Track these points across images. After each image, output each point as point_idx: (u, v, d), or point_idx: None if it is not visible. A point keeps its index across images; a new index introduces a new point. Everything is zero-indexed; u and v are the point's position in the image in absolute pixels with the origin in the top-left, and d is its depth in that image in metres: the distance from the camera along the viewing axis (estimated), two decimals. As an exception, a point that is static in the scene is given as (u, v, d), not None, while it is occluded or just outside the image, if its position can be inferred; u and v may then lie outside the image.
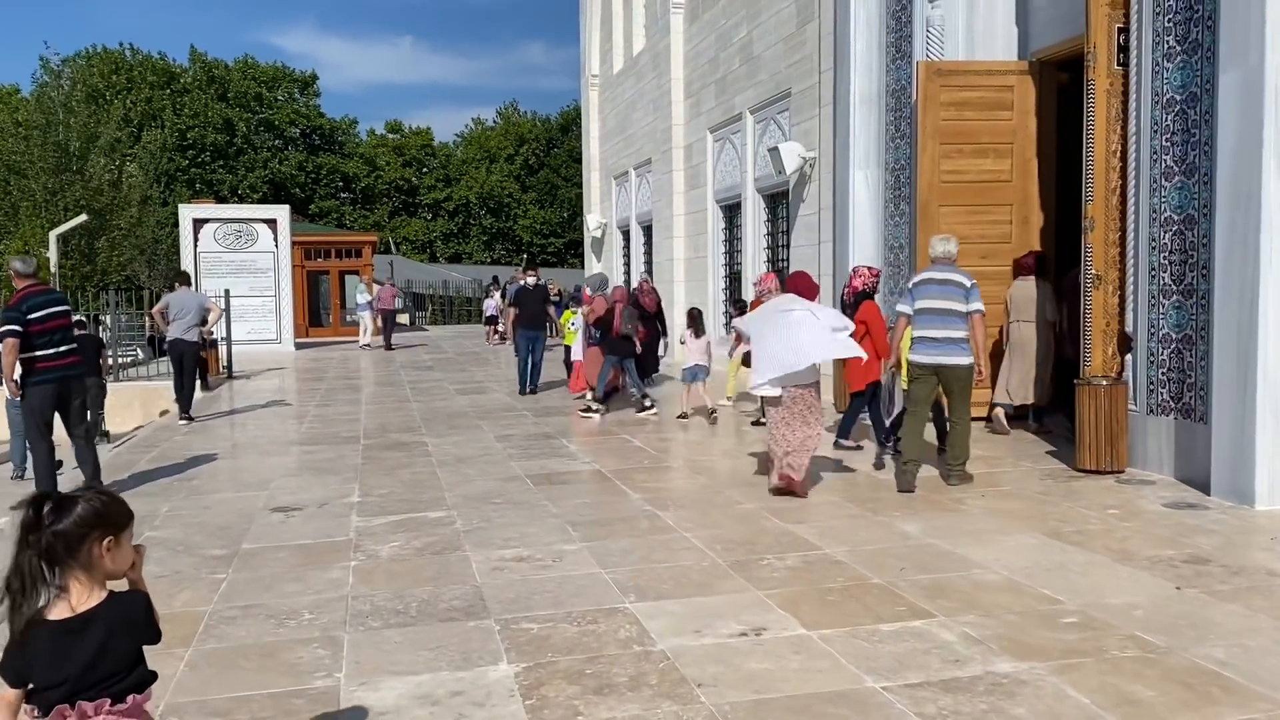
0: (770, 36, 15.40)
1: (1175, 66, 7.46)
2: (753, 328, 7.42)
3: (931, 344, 7.42)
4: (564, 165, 67.48)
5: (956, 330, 7.38)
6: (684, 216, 19.46)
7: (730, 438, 10.17)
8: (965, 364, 7.38)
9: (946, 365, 7.38)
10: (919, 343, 7.51)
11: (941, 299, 7.45)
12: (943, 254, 7.69)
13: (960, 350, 7.38)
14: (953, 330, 7.38)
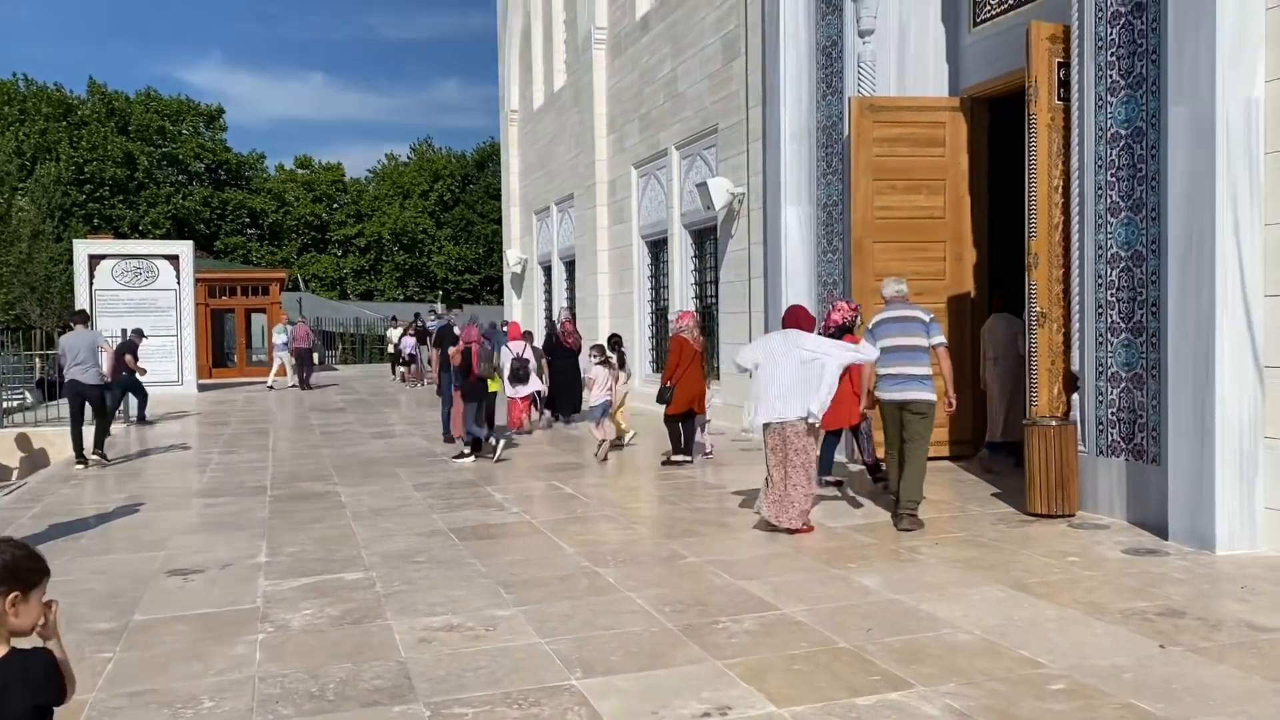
0: (696, 73, 15.19)
1: (1119, 101, 7.33)
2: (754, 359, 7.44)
3: (896, 380, 7.49)
4: (480, 201, 66.81)
5: (920, 366, 7.47)
6: (608, 252, 19.09)
7: (662, 481, 9.72)
8: (929, 399, 7.43)
9: (911, 400, 7.43)
10: (884, 380, 7.57)
11: (902, 336, 7.51)
12: (895, 294, 7.82)
13: (923, 386, 7.44)
14: (916, 366, 7.46)
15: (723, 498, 8.80)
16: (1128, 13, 7.23)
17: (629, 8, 17.99)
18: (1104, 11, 7.44)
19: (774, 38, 11.76)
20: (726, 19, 14.17)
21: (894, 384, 7.47)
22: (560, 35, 22.68)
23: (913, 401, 7.41)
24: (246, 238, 62.58)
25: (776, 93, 11.70)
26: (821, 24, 11.26)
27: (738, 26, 13.84)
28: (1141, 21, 7.13)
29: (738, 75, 13.85)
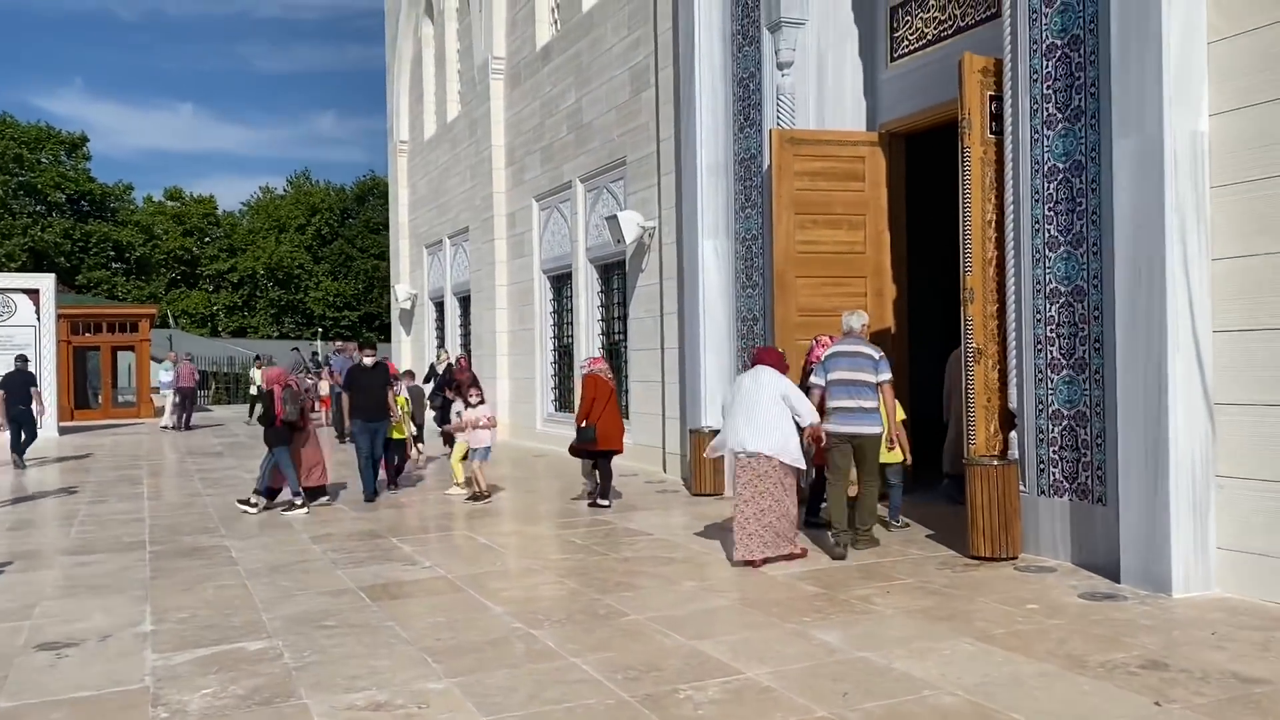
0: (602, 104, 14.85)
1: (1057, 134, 7.22)
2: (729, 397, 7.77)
3: (845, 414, 7.73)
4: (360, 236, 65.23)
5: (868, 400, 7.75)
6: (507, 287, 18.51)
7: (579, 528, 9.19)
8: (876, 433, 7.78)
9: (860, 434, 7.71)
10: (834, 413, 7.76)
11: (851, 370, 7.78)
12: (849, 328, 8.09)
13: (871, 420, 7.75)
14: (864, 400, 7.74)
15: (652, 545, 8.32)
16: (1064, 46, 7.15)
17: (529, 38, 17.59)
18: (1038, 45, 7.35)
19: (689, 69, 11.50)
20: (634, 50, 13.89)
21: (845, 417, 7.71)
22: (454, 64, 22.12)
23: (861, 435, 7.72)
24: (112, 272, 59.53)
25: (692, 125, 11.42)
26: (738, 56, 11.05)
27: (647, 57, 13.56)
28: (1078, 54, 7.05)
29: (647, 107, 13.55)
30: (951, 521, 8.67)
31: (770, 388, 7.42)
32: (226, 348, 52.76)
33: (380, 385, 11.32)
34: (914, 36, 10.06)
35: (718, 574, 7.18)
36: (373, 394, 11.22)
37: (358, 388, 11.28)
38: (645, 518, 9.69)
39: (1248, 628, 5.53)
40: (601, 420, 10.22)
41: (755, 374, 7.59)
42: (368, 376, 11.31)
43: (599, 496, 10.37)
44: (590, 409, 10.26)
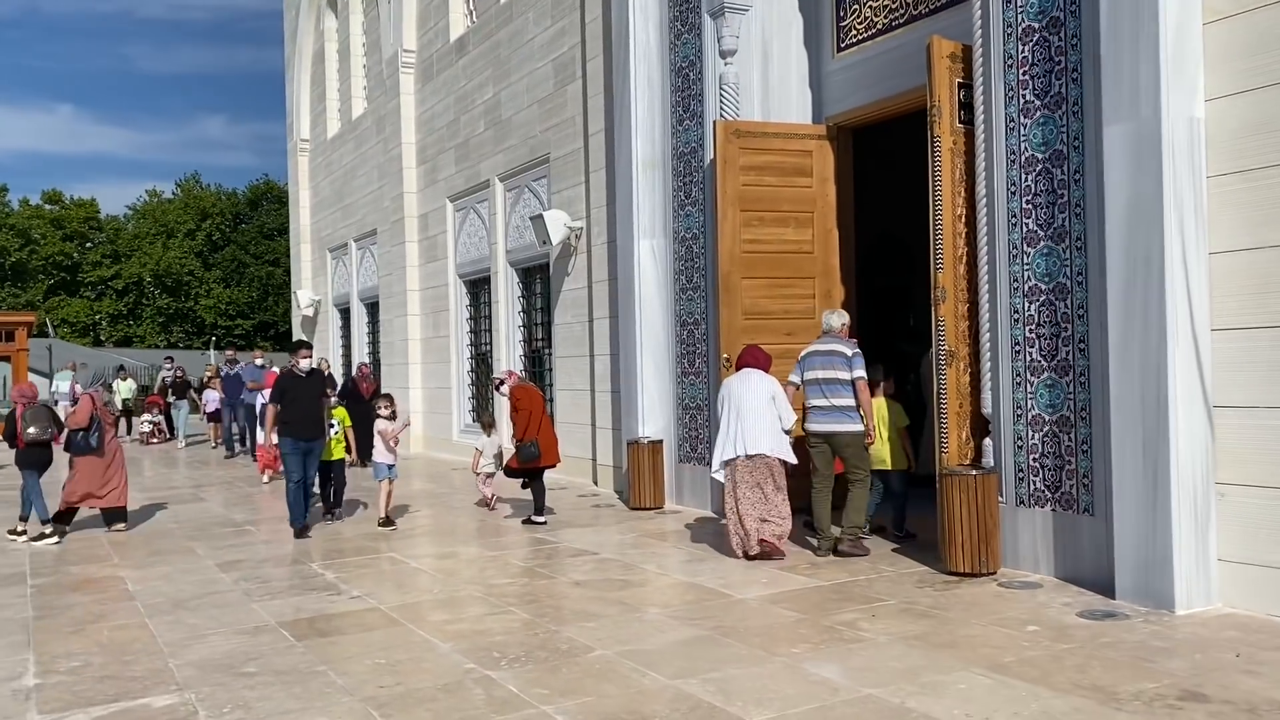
0: (522, 98, 14.14)
1: (1034, 123, 6.81)
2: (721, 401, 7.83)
3: (820, 412, 7.72)
4: (253, 242, 62.86)
5: (842, 398, 7.68)
6: (420, 292, 17.61)
7: (519, 548, 8.46)
8: (852, 430, 7.68)
9: (835, 432, 7.68)
10: (810, 412, 7.77)
11: (825, 369, 7.73)
12: (828, 326, 7.98)
13: (847, 418, 7.67)
14: (838, 399, 7.68)
15: (601, 566, 7.65)
16: (1042, 29, 6.75)
17: (442, 30, 16.77)
18: (1013, 28, 6.94)
19: (623, 59, 10.89)
20: (559, 40, 13.23)
21: (820, 416, 7.72)
22: (360, 59, 21.11)
23: (837, 433, 7.68)
24: (-17, 278, 56.15)
25: (626, 118, 10.81)
26: (676, 44, 10.48)
27: (572, 48, 12.91)
28: (1059, 38, 6.66)
29: (573, 100, 12.90)
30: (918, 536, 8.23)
31: (760, 389, 7.63)
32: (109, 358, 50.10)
33: (315, 397, 9.55)
34: (863, 26, 9.63)
35: (681, 597, 6.56)
36: (305, 406, 9.36)
37: (289, 399, 9.29)
38: (586, 535, 9.02)
39: (1270, 648, 5.13)
40: (542, 434, 9.56)
41: (744, 377, 7.75)
42: (301, 386, 9.39)
43: (534, 513, 9.65)
44: (529, 424, 9.53)
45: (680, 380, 10.42)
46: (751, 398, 7.58)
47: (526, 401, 9.62)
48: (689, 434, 10.33)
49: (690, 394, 10.30)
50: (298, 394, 9.39)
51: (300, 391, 9.41)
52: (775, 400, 7.61)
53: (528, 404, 9.60)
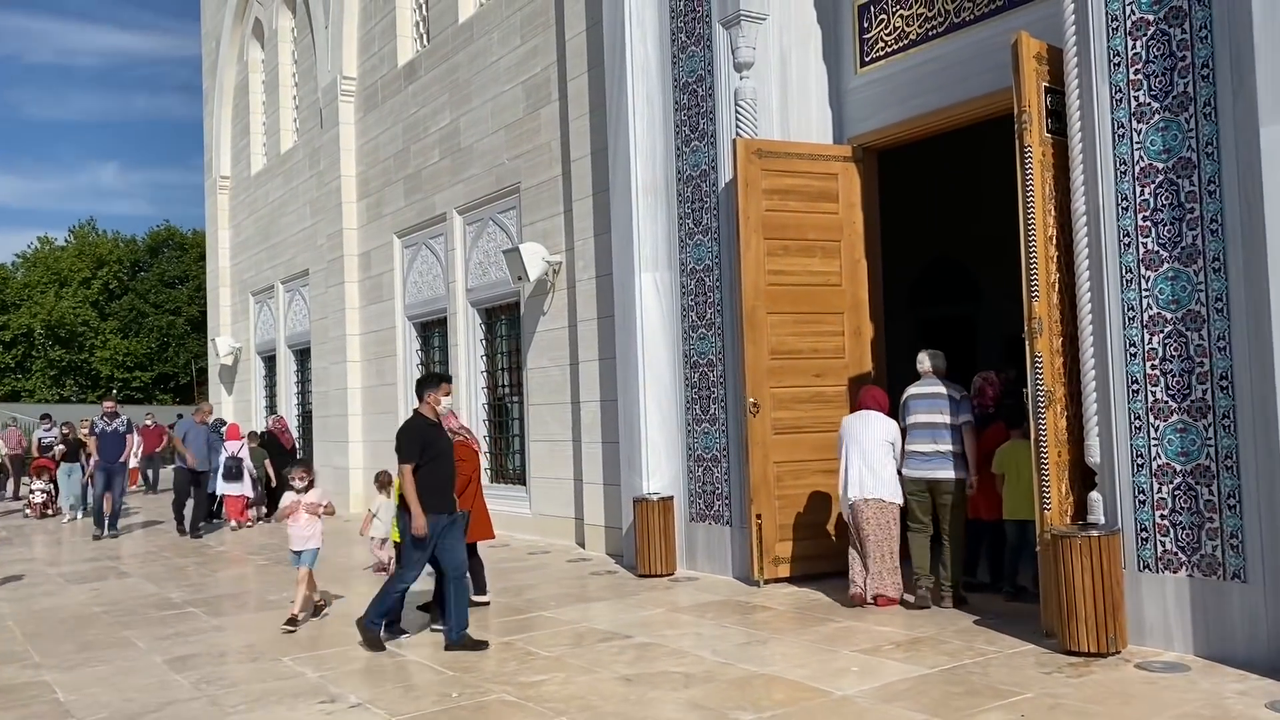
0: (487, 124, 12.99)
1: (1152, 127, 5.94)
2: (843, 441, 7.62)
3: (920, 458, 7.44)
4: (153, 290, 59.80)
5: (945, 444, 7.37)
6: (361, 336, 16.16)
7: (536, 628, 7.17)
8: (950, 478, 7.35)
9: (935, 479, 7.39)
10: (910, 458, 7.49)
11: (928, 413, 7.44)
12: (927, 369, 7.65)
13: (947, 464, 7.35)
14: (941, 444, 7.38)
15: (644, 653, 6.40)
16: (1159, 21, 5.90)
17: (388, 55, 15.54)
18: (1119, 22, 6.09)
19: (618, 75, 9.84)
20: (530, 61, 12.14)
21: (920, 462, 7.43)
22: (290, 90, 19.71)
23: (941, 480, 7.37)
24: None
25: (624, 139, 9.73)
26: (681, 57, 9.48)
27: (547, 69, 11.83)
28: (1182, 30, 5.81)
29: (548, 125, 11.79)
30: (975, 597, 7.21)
31: (880, 432, 7.46)
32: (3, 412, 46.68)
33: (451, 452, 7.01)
34: (891, 38, 8.77)
35: (770, 696, 5.37)
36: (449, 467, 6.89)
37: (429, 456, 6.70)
38: (602, 611, 7.76)
39: None
40: (476, 504, 7.80)
41: (864, 418, 7.56)
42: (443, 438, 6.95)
43: (473, 593, 7.77)
44: (466, 488, 7.53)
45: (690, 429, 9.29)
46: (873, 440, 7.41)
47: (469, 456, 7.79)
48: (703, 489, 9.18)
49: (703, 444, 9.17)
50: (441, 448, 6.77)
51: (444, 445, 6.83)
52: (894, 445, 7.46)
53: (472, 461, 7.82)
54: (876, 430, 7.47)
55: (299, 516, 7.59)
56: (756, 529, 8.35)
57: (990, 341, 14.63)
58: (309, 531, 7.64)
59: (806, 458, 8.57)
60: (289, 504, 7.66)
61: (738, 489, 8.79)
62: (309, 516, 7.62)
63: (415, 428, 6.69)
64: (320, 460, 17.04)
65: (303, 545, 7.66)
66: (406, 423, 6.80)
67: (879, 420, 7.53)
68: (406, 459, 6.55)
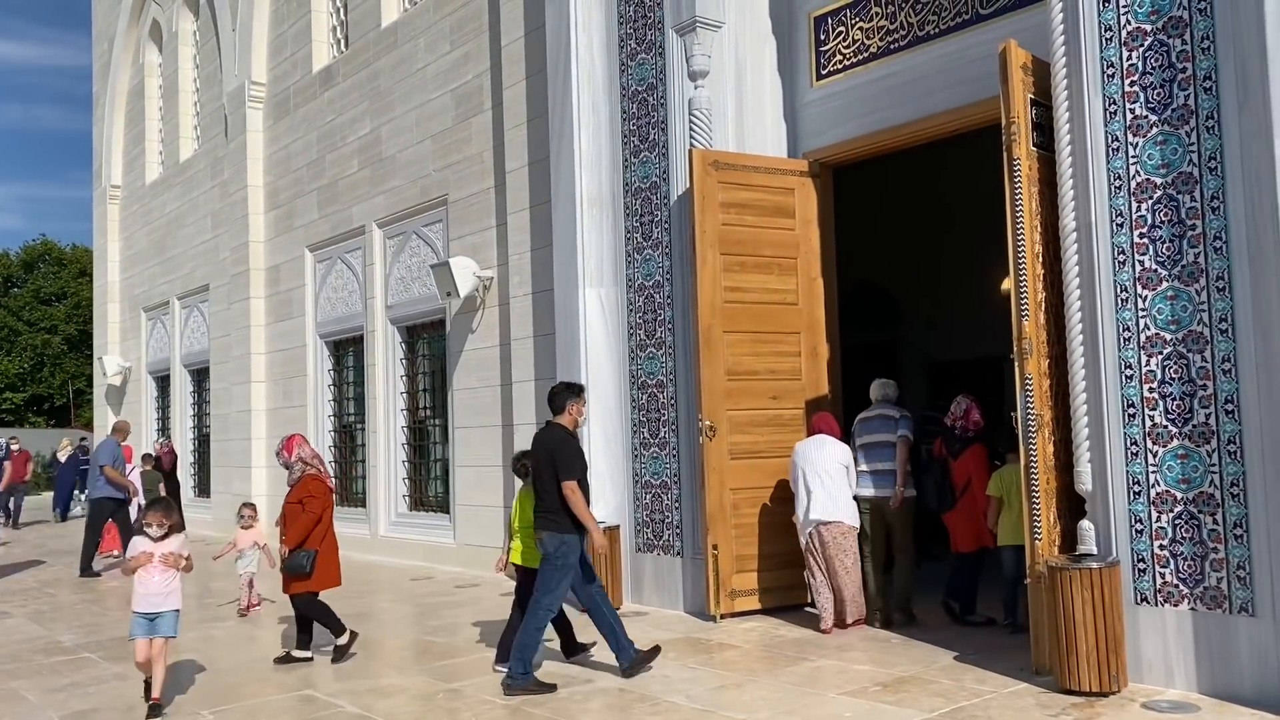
0: (412, 133, 12.35)
1: (1149, 141, 5.72)
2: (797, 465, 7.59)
3: (864, 476, 7.70)
4: (27, 308, 56.58)
5: (887, 462, 7.62)
6: (267, 355, 15.23)
7: (459, 672, 6.54)
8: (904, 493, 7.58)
9: (879, 497, 7.62)
10: (862, 476, 7.70)
11: (872, 434, 7.73)
12: (879, 396, 7.98)
13: (891, 482, 7.57)
14: (883, 463, 7.64)
15: (623, 704, 5.84)
16: (1157, 31, 5.70)
17: (302, 60, 14.75)
18: (1114, 32, 5.87)
19: (562, 83, 9.35)
20: (460, 68, 11.57)
21: (867, 480, 7.66)
22: (190, 95, 18.66)
23: (883, 497, 7.59)
24: None
25: (568, 149, 9.23)
26: (630, 65, 9.04)
27: (480, 76, 11.28)
28: (1182, 41, 5.61)
29: (480, 134, 11.23)
30: (947, 636, 6.87)
31: (835, 456, 7.48)
32: None
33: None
34: (850, 50, 8.50)
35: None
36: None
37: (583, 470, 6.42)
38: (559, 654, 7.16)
39: None
40: (325, 546, 6.99)
41: (818, 443, 7.56)
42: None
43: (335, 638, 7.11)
44: (308, 529, 6.86)
45: (638, 454, 8.78)
46: (828, 464, 7.41)
47: (321, 492, 7.03)
48: (651, 518, 8.67)
49: (652, 470, 8.67)
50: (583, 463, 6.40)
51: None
52: (849, 469, 7.51)
53: (321, 501, 6.99)
54: (831, 455, 7.46)
55: (151, 571, 5.85)
56: (713, 560, 7.88)
57: (912, 367, 14.53)
58: (166, 588, 5.89)
59: (763, 484, 8.15)
60: (138, 554, 5.87)
61: (690, 517, 8.31)
62: (164, 571, 5.87)
63: (573, 441, 6.30)
64: (219, 486, 16.00)
65: (156, 606, 5.85)
66: (561, 436, 6.26)
67: (833, 444, 7.54)
68: (572, 474, 6.13)
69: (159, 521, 5.97)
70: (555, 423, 6.39)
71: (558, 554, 6.13)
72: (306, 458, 7.14)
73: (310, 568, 6.89)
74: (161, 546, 5.90)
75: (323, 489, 7.04)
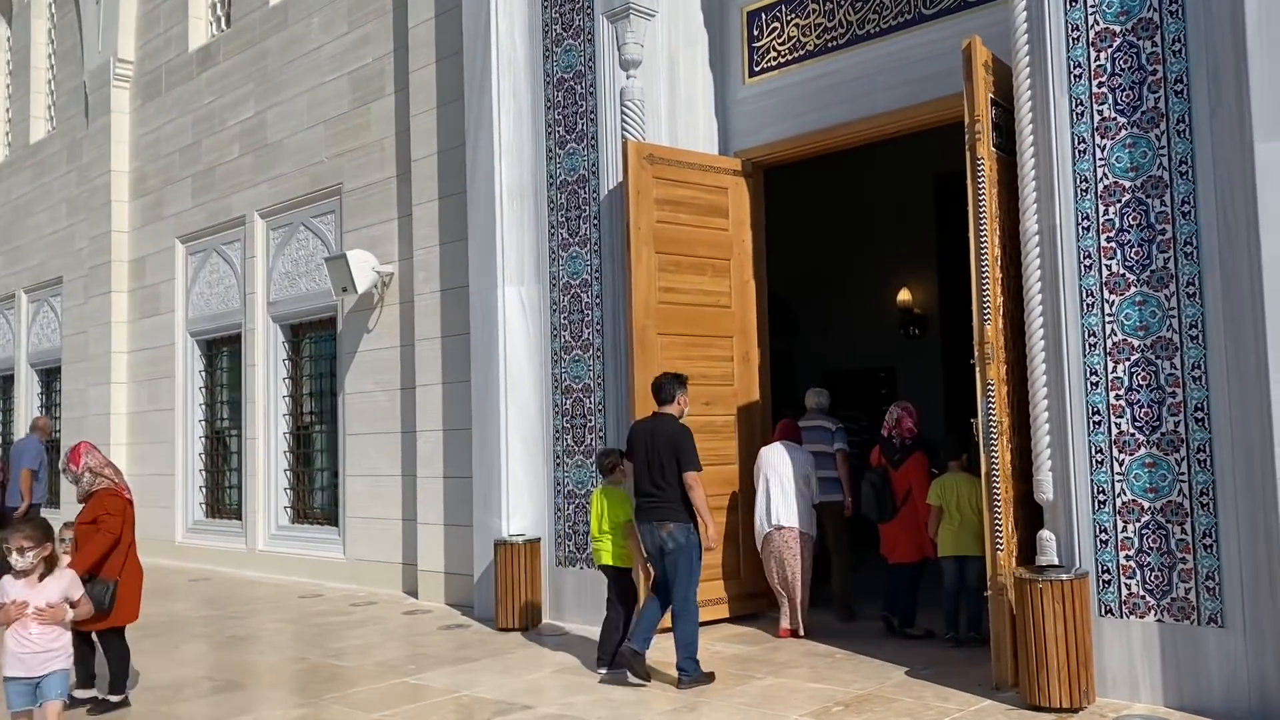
0: (302, 118, 11.56)
1: (1118, 144, 5.62)
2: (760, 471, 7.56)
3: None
4: None
5: (830, 470, 7.80)
6: (130, 355, 14.06)
7: (361, 700, 5.95)
8: (836, 499, 7.80)
9: (825, 502, 7.70)
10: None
11: (811, 444, 7.77)
12: (815, 405, 8.15)
13: (834, 488, 7.80)
14: (826, 470, 7.76)
15: (558, 727, 5.36)
16: (1126, 33, 5.61)
17: (177, 37, 13.71)
18: (1081, 32, 5.76)
19: (480, 67, 8.82)
20: (359, 50, 10.88)
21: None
22: (43, 73, 17.22)
23: (826, 503, 7.73)
24: None
25: (488, 138, 8.71)
26: (556, 51, 8.59)
27: (381, 59, 10.62)
28: (1151, 42, 5.54)
29: (381, 120, 10.56)
30: (888, 650, 6.66)
31: (797, 463, 7.47)
32: None
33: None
34: (786, 47, 8.27)
35: None
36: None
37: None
38: (479, 676, 6.60)
39: None
40: (127, 571, 5.98)
41: (781, 450, 7.53)
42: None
43: (110, 691, 5.98)
44: (102, 554, 5.79)
45: (561, 462, 8.31)
46: (790, 471, 7.40)
47: (119, 509, 5.97)
48: (574, 530, 8.20)
49: (576, 479, 8.20)
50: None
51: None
52: (809, 477, 7.50)
53: (119, 514, 5.95)
54: (794, 462, 7.48)
55: (27, 624, 4.56)
56: (645, 574, 7.46)
57: (807, 377, 14.47)
58: (53, 645, 4.62)
59: (695, 494, 7.79)
60: (7, 605, 4.58)
61: (617, 529, 7.87)
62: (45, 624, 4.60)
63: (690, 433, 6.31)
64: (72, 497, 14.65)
65: (37, 670, 4.57)
66: (680, 427, 6.31)
67: (796, 452, 7.58)
68: (698, 465, 6.20)
69: (24, 547, 4.59)
70: (665, 413, 6.37)
71: (688, 543, 6.11)
72: (96, 467, 6.01)
73: (110, 602, 5.68)
74: (42, 591, 4.63)
75: (120, 505, 5.94)
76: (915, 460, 7.33)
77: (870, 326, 13.73)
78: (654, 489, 6.14)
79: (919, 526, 7.20)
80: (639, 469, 6.26)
